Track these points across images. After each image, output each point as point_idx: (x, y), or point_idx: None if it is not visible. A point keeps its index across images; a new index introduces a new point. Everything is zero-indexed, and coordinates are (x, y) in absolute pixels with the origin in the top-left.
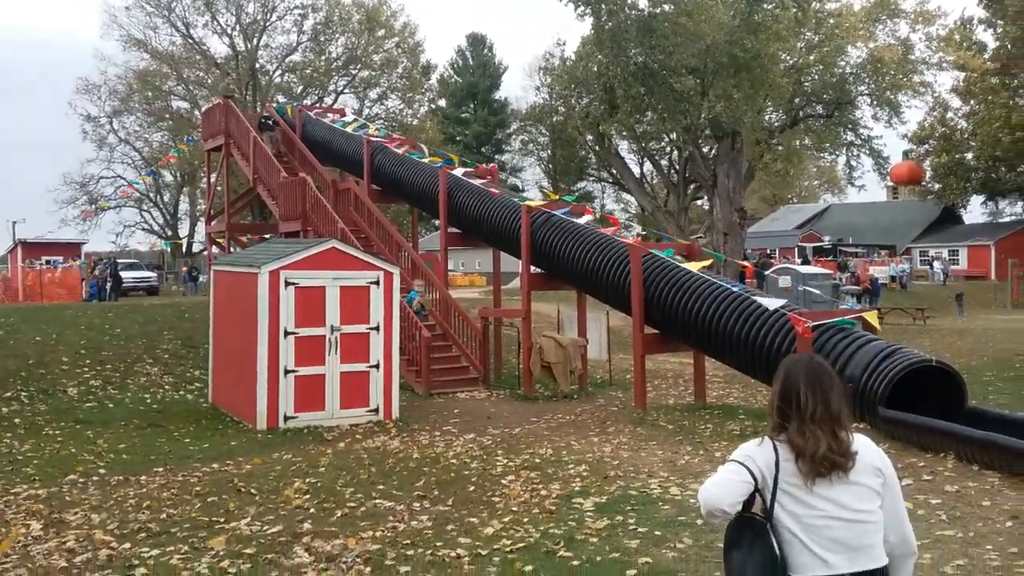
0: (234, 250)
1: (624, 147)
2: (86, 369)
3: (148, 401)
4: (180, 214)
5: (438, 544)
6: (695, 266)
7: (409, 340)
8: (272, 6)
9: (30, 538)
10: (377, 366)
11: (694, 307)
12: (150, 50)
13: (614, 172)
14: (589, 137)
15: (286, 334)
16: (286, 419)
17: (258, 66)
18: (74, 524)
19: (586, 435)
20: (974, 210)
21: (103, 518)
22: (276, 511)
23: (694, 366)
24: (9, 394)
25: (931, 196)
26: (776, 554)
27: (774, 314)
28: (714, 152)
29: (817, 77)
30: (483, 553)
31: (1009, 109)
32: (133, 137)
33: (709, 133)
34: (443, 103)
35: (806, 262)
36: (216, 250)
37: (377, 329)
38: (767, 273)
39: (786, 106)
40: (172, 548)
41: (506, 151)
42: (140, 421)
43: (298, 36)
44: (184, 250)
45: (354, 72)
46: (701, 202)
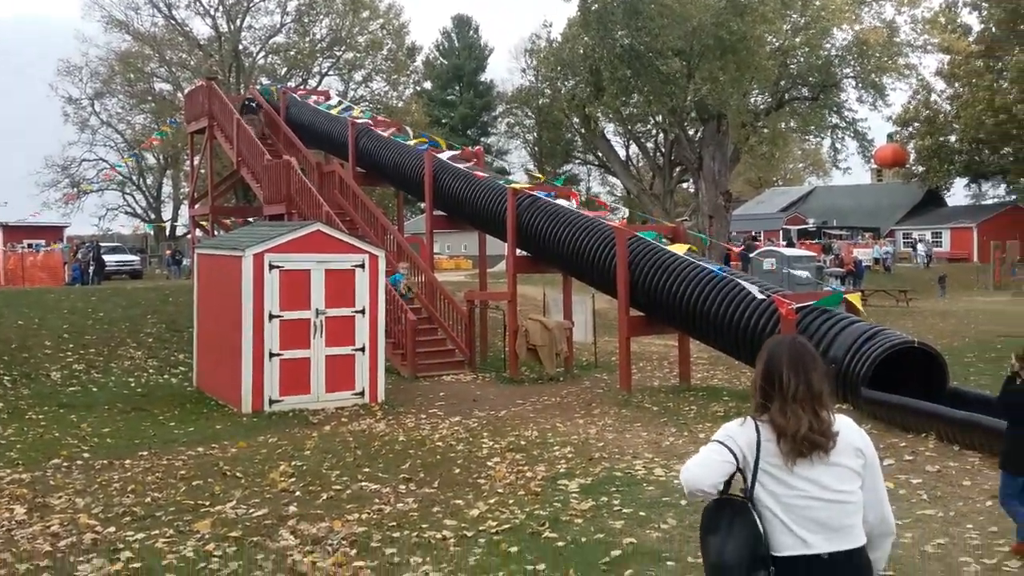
0: (218, 233)
1: (610, 130)
2: (69, 353)
3: (132, 385)
4: (163, 197)
5: (424, 526)
6: (681, 248)
7: (395, 323)
8: None
9: (14, 522)
10: (363, 349)
11: (679, 290)
12: (132, 31)
13: (600, 155)
14: (575, 120)
15: (271, 317)
16: (271, 403)
17: (241, 48)
18: (58, 508)
19: (571, 417)
20: (957, 193)
21: (87, 502)
22: (262, 494)
23: (679, 348)
24: None
25: (915, 179)
26: (760, 531)
27: (759, 296)
28: (700, 135)
29: (803, 59)
30: (469, 535)
31: (992, 92)
32: (115, 119)
33: (695, 116)
34: (428, 85)
35: (791, 244)
36: (200, 233)
37: (363, 312)
38: (752, 255)
39: (772, 88)
40: (157, 532)
41: (492, 134)
42: (124, 405)
43: (282, 17)
44: (167, 233)
45: (339, 54)
46: (687, 185)
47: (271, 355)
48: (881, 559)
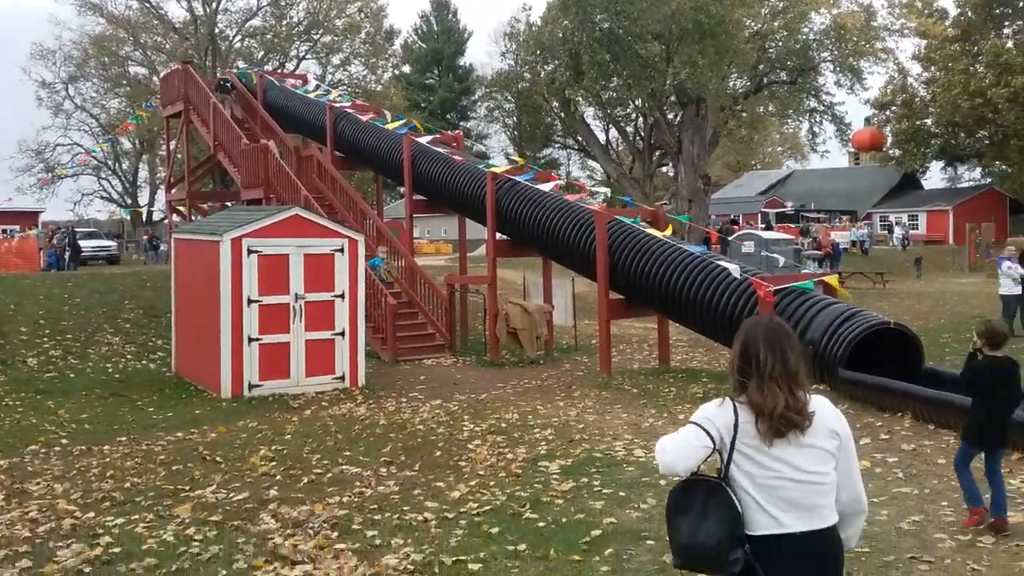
0: (195, 218)
1: (590, 114)
2: (46, 339)
3: (110, 371)
4: (140, 182)
5: (405, 508)
6: (660, 232)
7: (375, 307)
8: None
9: None
10: (343, 334)
11: (658, 272)
12: (106, 14)
13: (580, 139)
14: (555, 104)
15: (249, 302)
16: (251, 387)
17: (217, 31)
18: (36, 494)
19: (552, 399)
20: (933, 176)
21: (66, 488)
22: (242, 479)
23: (658, 331)
24: None
25: (892, 162)
26: (738, 511)
27: (737, 279)
28: (679, 119)
29: (781, 43)
30: (450, 516)
31: (968, 76)
32: (90, 104)
33: (674, 99)
34: (407, 69)
35: (769, 228)
36: (177, 218)
37: (342, 297)
38: (731, 239)
39: (750, 72)
40: (137, 517)
41: (471, 118)
42: (102, 391)
43: (258, 0)
44: (144, 219)
45: (316, 37)
46: (666, 169)
47: (250, 340)
48: (853, 537)
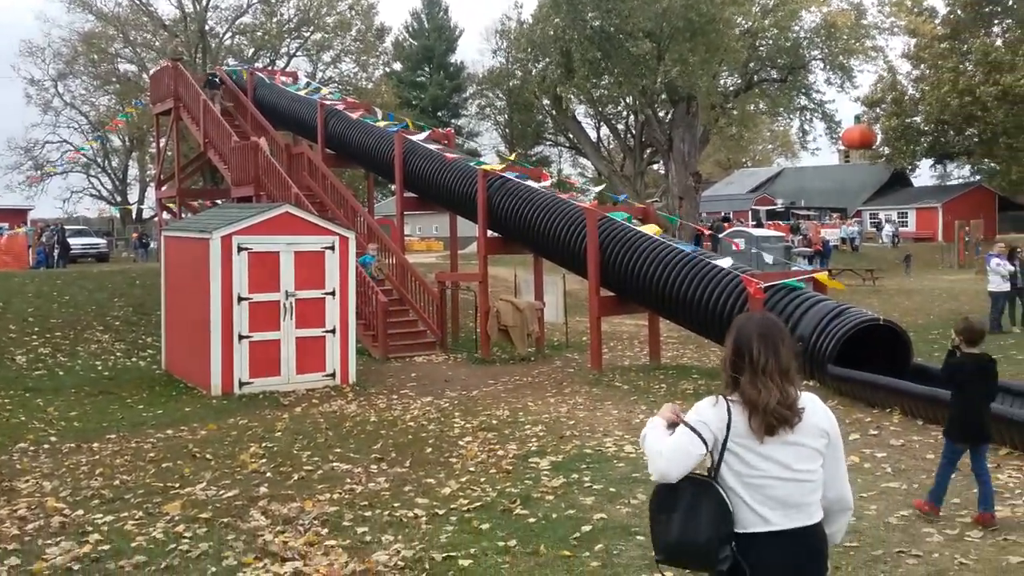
0: (185, 215)
1: (581, 111)
2: (35, 337)
3: (99, 368)
4: (129, 179)
5: (395, 505)
6: (651, 230)
7: (366, 305)
8: None
9: None
10: (333, 331)
11: (649, 270)
12: (95, 11)
13: (571, 136)
14: (546, 101)
15: (240, 300)
16: (241, 385)
17: (208, 28)
18: (25, 492)
19: (543, 396)
20: (923, 173)
21: (55, 485)
22: (232, 476)
23: (649, 328)
24: None
25: (881, 160)
26: (729, 508)
27: (727, 276)
28: (670, 116)
29: (772, 41)
30: (440, 513)
31: (957, 74)
32: (79, 101)
33: (665, 97)
34: (398, 66)
35: (760, 225)
36: (167, 216)
37: (333, 294)
38: (721, 236)
39: (741, 70)
40: (126, 514)
41: (463, 115)
42: (91, 388)
43: None
44: (134, 216)
45: (306, 35)
46: (657, 166)
47: (240, 337)
48: (837, 534)
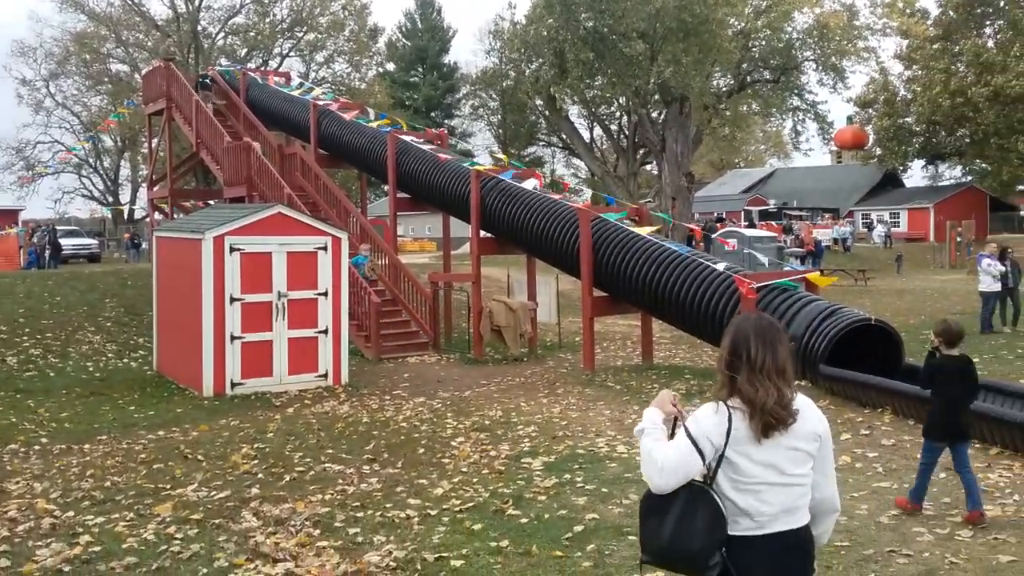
0: (177, 216)
1: (574, 112)
2: (26, 338)
3: (91, 369)
4: (121, 180)
5: (388, 505)
6: (644, 230)
7: (358, 305)
8: None
9: None
10: (326, 331)
11: (642, 270)
12: (87, 11)
13: (564, 137)
14: (539, 102)
15: (232, 300)
16: (233, 385)
17: (200, 28)
18: (15, 493)
19: (535, 396)
20: (915, 174)
21: (45, 487)
22: (223, 477)
23: (642, 328)
24: None
25: (873, 160)
26: (724, 515)
27: (720, 276)
28: (663, 117)
29: (764, 42)
30: (432, 513)
31: (949, 75)
32: (71, 101)
33: (658, 98)
34: (392, 67)
35: (752, 225)
36: (159, 216)
37: (325, 295)
38: (714, 236)
39: (734, 71)
40: (117, 515)
41: (456, 116)
42: (82, 389)
43: None
44: (126, 217)
45: (300, 35)
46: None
47: (232, 338)
48: (824, 535)
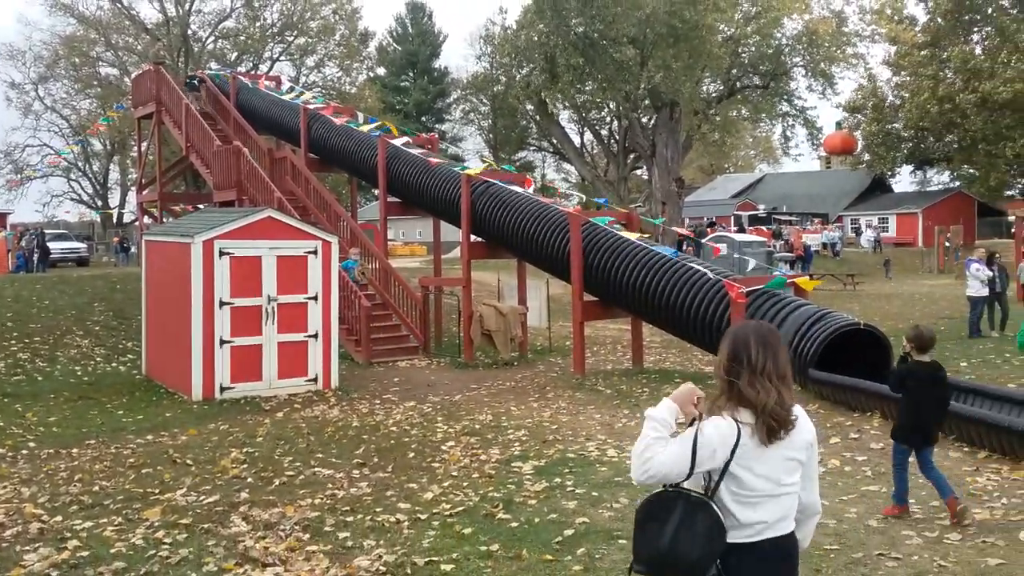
0: (167, 220)
1: (564, 117)
2: (13, 342)
3: (79, 373)
4: (110, 183)
5: (377, 510)
6: (632, 235)
7: (348, 309)
8: None
9: None
10: (316, 336)
11: (632, 274)
12: (77, 15)
13: (554, 142)
14: (530, 107)
15: (221, 304)
16: (222, 390)
17: (190, 32)
18: (3, 498)
19: (526, 401)
20: (903, 179)
21: (33, 491)
22: (213, 481)
23: (632, 332)
24: None
25: (862, 165)
26: (724, 527)
27: (709, 281)
28: (653, 122)
29: (754, 48)
30: (423, 517)
31: (937, 81)
32: (60, 104)
33: (648, 103)
34: (382, 71)
35: (742, 230)
36: (148, 220)
37: (315, 299)
38: (704, 241)
39: (723, 77)
40: (105, 520)
41: (447, 120)
42: (71, 394)
43: (232, 1)
44: (115, 220)
45: (290, 39)
46: (640, 172)
47: (222, 342)
48: (807, 538)
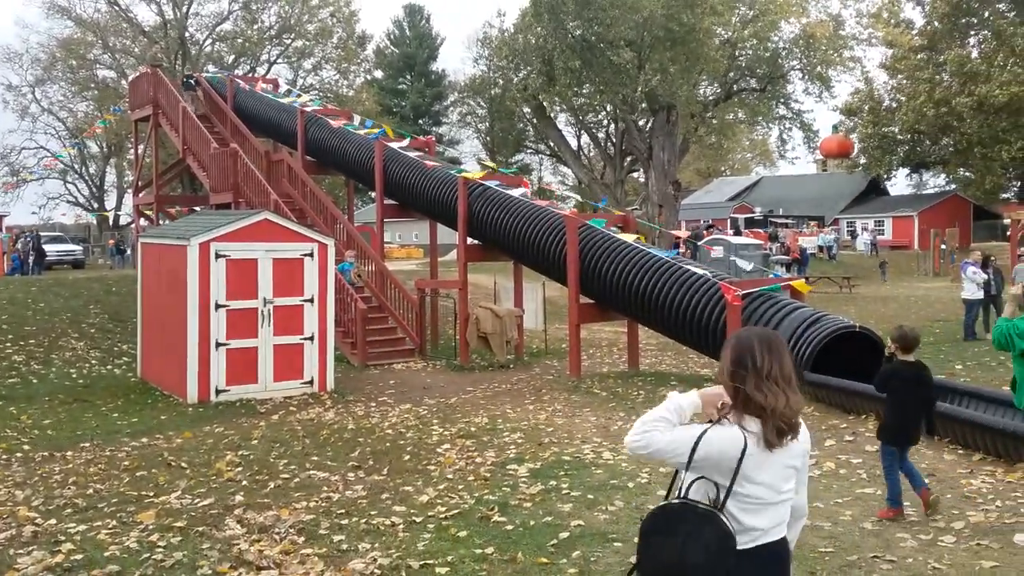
0: (163, 222)
1: (561, 120)
2: (8, 344)
3: (74, 376)
4: (107, 186)
5: (373, 513)
6: (628, 237)
7: (344, 312)
8: None
9: None
10: (312, 338)
11: (628, 277)
12: (74, 17)
13: (551, 144)
14: (527, 109)
15: (217, 307)
16: (218, 392)
17: (187, 35)
18: None
19: (521, 403)
20: (899, 182)
21: (27, 494)
22: (207, 484)
23: (628, 335)
24: None
25: (858, 168)
26: (734, 539)
27: (706, 283)
28: (650, 125)
29: (751, 52)
30: (418, 520)
31: (933, 84)
32: (57, 107)
33: (645, 106)
34: (379, 74)
35: (738, 233)
36: (144, 222)
37: (311, 301)
38: (700, 243)
39: (720, 80)
40: (100, 523)
41: (444, 123)
42: (66, 396)
43: (229, 4)
44: (111, 223)
45: (288, 42)
46: (637, 174)
47: (217, 345)
48: (793, 541)
